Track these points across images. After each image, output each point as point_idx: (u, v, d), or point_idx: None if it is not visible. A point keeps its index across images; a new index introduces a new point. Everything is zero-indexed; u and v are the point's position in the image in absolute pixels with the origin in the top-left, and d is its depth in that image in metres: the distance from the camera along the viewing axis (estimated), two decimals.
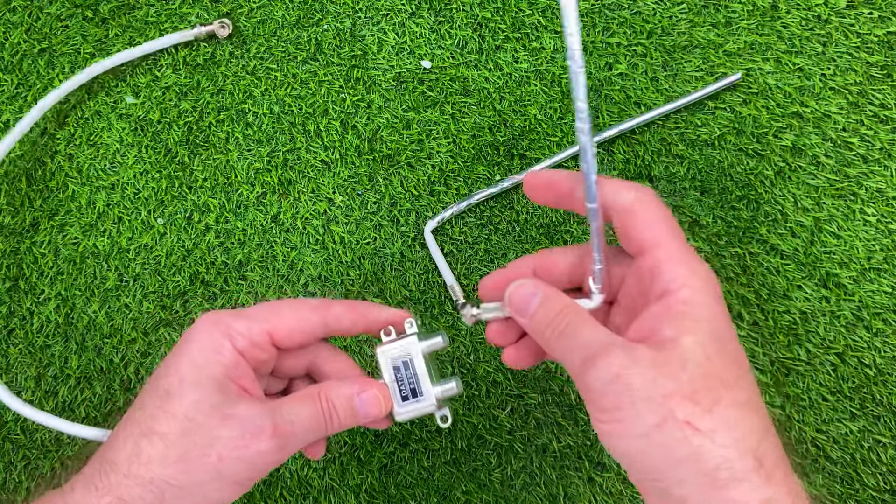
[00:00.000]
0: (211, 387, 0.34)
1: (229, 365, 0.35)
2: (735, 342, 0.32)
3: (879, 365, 0.51)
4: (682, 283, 0.32)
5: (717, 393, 0.30)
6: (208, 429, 0.34)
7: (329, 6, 0.58)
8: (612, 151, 0.55)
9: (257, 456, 0.34)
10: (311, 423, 0.36)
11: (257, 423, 0.34)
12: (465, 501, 0.51)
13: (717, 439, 0.29)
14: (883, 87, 0.54)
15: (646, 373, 0.30)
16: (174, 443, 0.33)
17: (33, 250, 0.55)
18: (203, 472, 0.33)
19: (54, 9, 0.59)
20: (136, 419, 0.35)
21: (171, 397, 0.34)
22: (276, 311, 0.37)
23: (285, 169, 0.56)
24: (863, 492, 0.50)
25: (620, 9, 0.56)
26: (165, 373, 0.35)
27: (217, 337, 0.36)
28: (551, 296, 0.35)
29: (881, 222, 0.53)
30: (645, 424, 0.30)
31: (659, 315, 0.32)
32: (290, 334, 0.37)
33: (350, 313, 0.39)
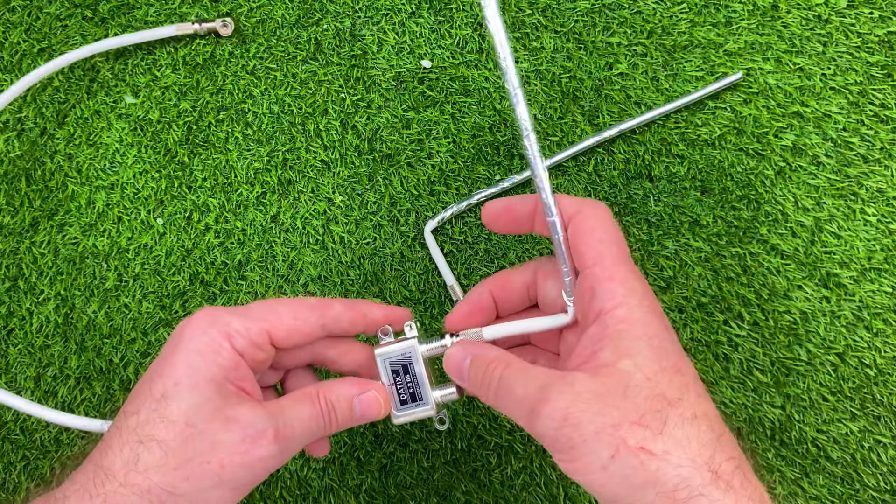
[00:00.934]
0: (210, 390, 0.34)
1: (228, 367, 0.35)
2: (676, 354, 0.32)
3: (880, 365, 0.51)
4: (617, 302, 0.33)
5: (663, 413, 0.30)
6: (209, 434, 0.33)
7: (329, 6, 0.58)
8: (612, 151, 0.55)
9: (258, 461, 0.33)
10: (311, 424, 0.36)
11: (258, 427, 0.33)
12: (464, 502, 0.51)
13: (671, 460, 0.29)
14: (883, 86, 0.54)
15: (590, 406, 0.30)
16: (174, 450, 0.33)
17: (33, 250, 0.55)
18: (204, 479, 0.33)
19: (53, 8, 0.59)
20: (131, 426, 0.33)
21: (168, 401, 0.33)
22: (273, 311, 0.37)
23: (285, 169, 0.56)
24: (863, 492, 0.50)
25: (621, 8, 0.56)
26: (160, 374, 0.34)
27: (215, 336, 0.35)
28: (478, 354, 0.36)
29: (882, 222, 0.53)
30: (601, 458, 0.30)
31: (596, 337, 0.33)
32: (289, 335, 0.37)
33: (349, 312, 0.38)
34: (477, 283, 0.40)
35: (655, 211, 0.54)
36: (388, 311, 0.40)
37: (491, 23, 0.32)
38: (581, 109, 0.56)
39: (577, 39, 0.56)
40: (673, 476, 0.29)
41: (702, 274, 0.53)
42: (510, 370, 0.34)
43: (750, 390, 0.52)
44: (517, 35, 0.57)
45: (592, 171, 0.55)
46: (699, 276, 0.53)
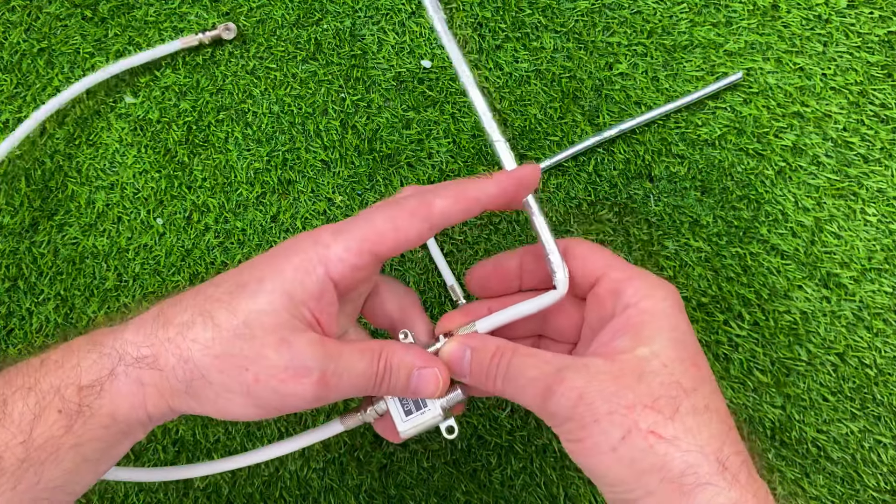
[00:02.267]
0: (283, 304, 0.32)
1: (312, 292, 0.33)
2: (694, 348, 0.33)
3: (880, 365, 0.51)
4: (643, 295, 0.33)
5: (676, 400, 0.30)
6: (259, 344, 0.32)
7: (329, 6, 0.58)
8: (612, 151, 0.55)
9: (292, 395, 0.32)
10: (361, 381, 0.34)
11: (308, 364, 0.32)
12: (464, 502, 0.51)
13: (681, 445, 0.30)
14: (884, 86, 0.54)
15: (606, 387, 0.31)
16: (222, 339, 0.32)
17: (32, 250, 0.55)
18: (235, 381, 0.32)
19: (53, 8, 0.58)
20: (207, 293, 0.33)
21: (242, 292, 0.32)
22: (373, 226, 0.33)
23: (285, 169, 0.56)
24: (863, 492, 0.50)
25: (621, 8, 0.56)
26: (256, 265, 0.34)
27: (312, 258, 0.33)
28: (479, 347, 0.35)
29: (882, 222, 0.53)
30: (611, 439, 0.30)
31: (618, 328, 0.33)
32: (394, 247, 0.34)
33: (457, 205, 0.34)
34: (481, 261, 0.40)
35: (655, 211, 0.54)
36: (504, 182, 0.35)
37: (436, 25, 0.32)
38: (581, 109, 0.56)
39: (577, 39, 0.56)
40: (680, 462, 0.29)
41: (702, 274, 0.53)
42: (519, 355, 0.33)
43: (750, 390, 0.51)
44: (517, 35, 0.57)
45: (592, 171, 0.55)
46: (699, 276, 0.53)
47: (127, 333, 0.33)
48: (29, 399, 0.31)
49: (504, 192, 0.34)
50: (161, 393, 0.32)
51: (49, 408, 0.31)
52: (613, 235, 0.54)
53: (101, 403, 0.32)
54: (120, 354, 0.32)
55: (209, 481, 0.52)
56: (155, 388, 0.32)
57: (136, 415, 0.33)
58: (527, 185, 0.35)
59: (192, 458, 0.52)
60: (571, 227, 0.54)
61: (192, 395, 0.32)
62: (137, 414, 0.33)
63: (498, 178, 0.35)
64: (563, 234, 0.54)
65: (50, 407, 0.31)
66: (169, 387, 0.32)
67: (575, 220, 0.54)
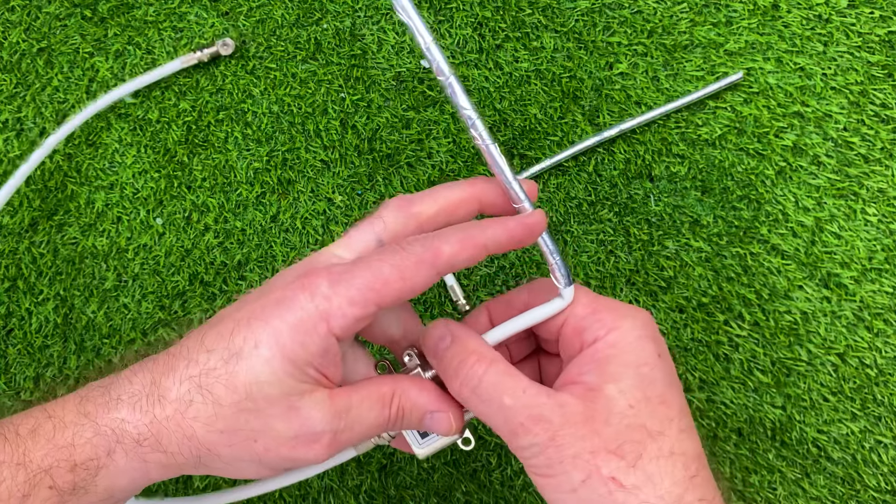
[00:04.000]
0: (285, 370, 0.31)
1: (315, 352, 0.31)
2: (664, 383, 0.32)
3: (880, 365, 0.51)
4: (609, 327, 0.32)
5: (641, 445, 0.30)
6: (266, 416, 0.31)
7: (328, 5, 0.58)
8: (612, 151, 0.55)
9: (302, 460, 0.32)
10: (372, 429, 0.33)
11: (317, 429, 0.31)
12: (464, 502, 0.51)
13: (639, 495, 0.30)
14: (884, 86, 0.54)
15: (577, 431, 0.30)
16: (225, 416, 0.31)
17: (32, 250, 0.55)
18: (245, 452, 0.31)
19: (53, 8, 0.58)
20: (200, 362, 0.31)
21: (239, 362, 0.31)
22: (379, 276, 0.31)
23: (284, 168, 0.56)
24: (864, 492, 0.50)
25: (621, 8, 0.56)
26: (247, 322, 0.31)
27: (312, 315, 0.31)
28: (460, 337, 0.34)
29: (882, 222, 0.53)
30: (572, 481, 0.30)
31: (585, 361, 0.32)
32: (397, 297, 0.32)
33: (464, 252, 0.32)
34: (474, 309, 0.39)
35: (656, 211, 0.54)
36: (514, 231, 0.33)
37: None
38: (581, 109, 0.55)
39: (577, 39, 0.56)
40: None
41: (702, 274, 0.53)
42: (495, 370, 0.32)
43: (751, 390, 0.51)
44: (517, 35, 0.57)
45: (593, 171, 0.55)
46: (700, 276, 0.53)
47: (122, 411, 0.31)
48: (18, 476, 0.30)
49: (512, 239, 0.33)
50: (167, 467, 0.32)
51: (40, 485, 0.30)
52: (613, 235, 0.54)
53: (98, 482, 0.31)
54: (118, 435, 0.31)
55: (209, 482, 0.51)
56: (159, 464, 0.32)
57: (136, 485, 0.32)
58: (536, 231, 0.34)
59: None
60: (571, 226, 0.54)
61: (201, 466, 0.32)
62: (137, 484, 0.32)
63: (507, 225, 0.33)
64: (563, 234, 0.54)
65: (41, 485, 0.30)
66: (176, 463, 0.32)
67: (575, 220, 0.54)
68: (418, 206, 0.34)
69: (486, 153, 0.33)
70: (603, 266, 0.54)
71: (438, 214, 0.34)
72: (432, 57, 0.33)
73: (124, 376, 0.32)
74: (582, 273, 0.53)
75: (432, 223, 0.34)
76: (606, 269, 0.54)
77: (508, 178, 0.34)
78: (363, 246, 0.34)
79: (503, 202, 0.35)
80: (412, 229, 0.34)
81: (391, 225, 0.34)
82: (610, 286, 0.53)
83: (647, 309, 0.53)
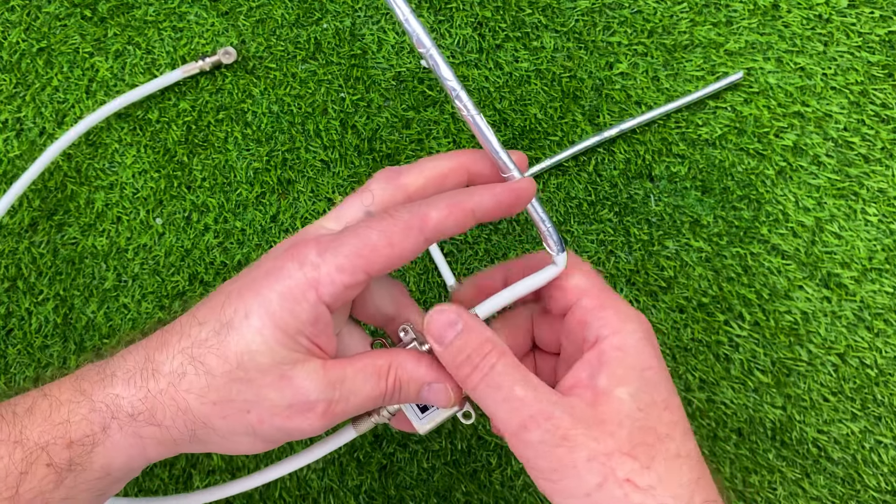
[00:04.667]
0: (276, 339, 0.31)
1: (305, 320, 0.31)
2: (667, 389, 0.32)
3: (881, 365, 0.51)
4: (613, 329, 0.32)
5: (653, 448, 0.30)
6: (258, 386, 0.30)
7: (329, 5, 0.58)
8: (612, 151, 0.55)
9: (297, 430, 0.32)
10: (368, 401, 0.33)
11: (311, 398, 0.31)
12: (464, 502, 0.51)
13: (655, 495, 0.29)
14: (884, 86, 0.54)
15: (590, 431, 0.30)
16: (218, 386, 0.30)
17: (32, 250, 0.55)
18: (238, 424, 0.31)
19: (53, 8, 0.58)
20: (192, 335, 0.31)
21: (230, 332, 0.31)
22: (367, 242, 0.31)
23: (284, 168, 0.56)
24: (864, 493, 0.50)
25: (621, 8, 0.56)
26: (238, 293, 0.31)
27: (300, 283, 0.31)
28: (472, 326, 0.33)
29: (882, 222, 0.53)
30: (587, 485, 0.30)
31: (592, 363, 0.32)
32: (386, 264, 0.32)
33: (452, 216, 0.32)
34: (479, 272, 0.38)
35: (656, 211, 0.54)
36: (501, 195, 0.33)
37: None
38: (581, 109, 0.55)
39: (577, 39, 0.56)
40: None
41: (702, 274, 0.53)
42: (509, 361, 0.32)
43: (751, 390, 0.51)
44: (517, 35, 0.57)
45: (593, 171, 0.55)
46: (700, 276, 0.53)
47: (117, 387, 0.31)
48: (15, 454, 0.30)
49: (500, 205, 0.33)
50: (162, 443, 0.32)
51: (37, 463, 0.30)
52: (613, 235, 0.54)
53: (94, 459, 0.31)
54: (112, 410, 0.31)
55: (209, 481, 0.51)
56: (155, 439, 0.31)
57: (134, 463, 0.32)
58: (524, 197, 0.33)
59: (192, 458, 0.52)
60: (572, 226, 0.54)
61: (196, 441, 0.32)
62: (135, 463, 0.32)
63: (494, 190, 0.33)
64: (563, 233, 0.54)
65: (38, 462, 0.30)
66: (171, 438, 0.31)
67: (575, 219, 0.54)
68: (406, 178, 0.34)
69: (472, 124, 0.33)
70: (603, 266, 0.54)
71: (427, 185, 0.34)
72: (411, 29, 0.32)
73: (119, 355, 0.32)
74: None
75: (421, 194, 0.34)
76: (606, 269, 0.53)
77: (495, 148, 0.33)
78: (352, 218, 0.34)
79: (492, 172, 0.34)
80: (400, 200, 0.34)
81: (379, 197, 0.34)
82: (610, 286, 0.53)
83: (648, 309, 0.53)
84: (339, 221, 0.34)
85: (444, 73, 0.33)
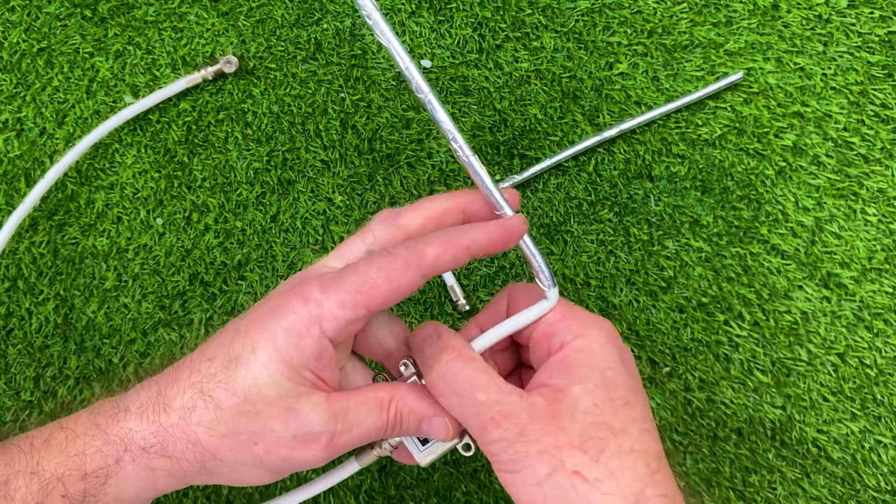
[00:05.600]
0: (282, 373, 0.32)
1: (310, 355, 0.32)
2: (628, 388, 0.34)
3: (880, 365, 0.51)
4: (575, 335, 0.34)
5: (603, 442, 0.32)
6: (265, 419, 0.32)
7: (328, 5, 0.58)
8: (612, 151, 0.55)
9: (302, 461, 0.33)
10: (370, 432, 0.34)
11: (315, 430, 0.32)
12: (464, 502, 0.51)
13: (601, 488, 0.31)
14: (884, 86, 0.54)
15: (543, 427, 0.32)
16: (226, 420, 0.32)
17: (32, 250, 0.55)
18: (246, 456, 0.32)
19: (53, 8, 0.58)
20: (202, 371, 0.33)
21: (238, 367, 0.32)
22: (367, 279, 0.33)
23: (284, 168, 0.56)
24: (864, 492, 0.50)
25: (621, 8, 0.56)
26: (246, 330, 0.33)
27: (305, 319, 0.32)
28: (444, 335, 0.35)
29: (882, 222, 0.53)
30: (537, 474, 0.31)
31: (555, 365, 0.34)
32: (386, 300, 0.33)
33: (448, 253, 0.34)
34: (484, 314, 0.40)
35: (656, 211, 0.54)
36: (495, 234, 0.35)
37: None
38: (581, 109, 0.55)
39: (577, 39, 0.56)
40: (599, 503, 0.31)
41: (702, 274, 0.53)
42: (472, 367, 0.34)
43: (750, 390, 0.51)
44: (517, 35, 0.57)
45: (593, 171, 0.55)
46: (700, 276, 0.53)
47: (130, 421, 0.33)
48: (32, 484, 0.31)
49: (493, 241, 0.35)
50: (173, 475, 0.33)
51: (53, 493, 0.31)
52: (613, 235, 0.54)
53: (107, 490, 0.32)
54: (126, 443, 0.32)
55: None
56: (166, 471, 0.33)
57: (145, 495, 0.33)
58: (516, 234, 0.35)
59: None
60: (571, 226, 0.54)
61: (206, 473, 0.33)
62: (146, 495, 0.33)
63: (487, 228, 0.35)
64: (563, 234, 0.54)
65: (54, 493, 0.31)
66: (181, 469, 0.33)
67: (575, 219, 0.54)
68: (405, 218, 0.36)
69: (468, 165, 0.35)
70: (603, 266, 0.54)
71: (425, 225, 0.36)
72: (410, 76, 0.34)
73: (133, 390, 0.34)
74: (582, 273, 0.54)
75: (419, 233, 0.36)
76: (606, 269, 0.54)
77: (489, 187, 0.35)
78: (354, 257, 0.36)
79: (486, 211, 0.37)
80: (400, 239, 0.36)
81: (380, 237, 0.36)
82: (610, 286, 0.53)
83: (648, 309, 0.53)
84: (342, 260, 0.36)
85: (441, 117, 0.35)
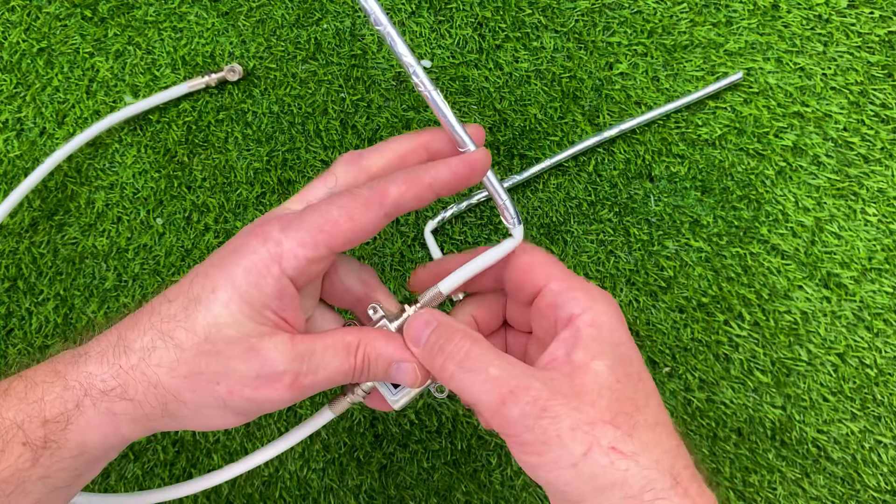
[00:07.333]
0: (243, 312, 0.31)
1: (270, 293, 0.32)
2: (639, 363, 0.33)
3: (880, 365, 0.51)
4: (585, 307, 0.33)
5: (633, 416, 0.31)
6: (225, 357, 0.31)
7: (328, 5, 0.58)
8: (612, 151, 0.55)
9: (266, 401, 0.32)
10: (337, 376, 0.33)
11: (278, 369, 0.32)
12: (464, 502, 0.51)
13: (640, 461, 0.30)
14: (884, 86, 0.54)
15: (569, 402, 0.31)
16: (187, 359, 0.31)
17: (32, 250, 0.55)
18: (208, 397, 0.32)
19: (53, 8, 0.58)
20: (162, 312, 0.32)
21: (198, 307, 0.32)
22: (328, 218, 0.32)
23: (284, 169, 0.56)
24: (864, 492, 0.50)
25: (621, 8, 0.56)
26: (206, 272, 0.32)
27: (264, 258, 0.32)
28: (445, 322, 0.34)
29: (882, 222, 0.53)
30: (572, 455, 0.30)
31: (569, 340, 0.33)
32: (349, 239, 0.33)
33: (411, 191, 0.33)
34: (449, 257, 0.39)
35: (656, 211, 0.54)
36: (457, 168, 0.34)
37: None
38: (581, 109, 0.55)
39: (577, 39, 0.56)
40: (640, 478, 0.30)
41: (702, 274, 0.53)
42: (481, 348, 0.33)
43: (750, 390, 0.51)
44: (517, 35, 0.57)
45: (593, 171, 0.55)
46: (700, 276, 0.53)
47: (90, 365, 0.32)
48: None
49: (456, 177, 0.34)
50: (136, 419, 0.32)
51: (13, 441, 0.31)
52: (613, 235, 0.54)
53: (68, 437, 0.31)
54: (85, 388, 0.32)
55: None
56: (128, 415, 0.32)
57: (109, 441, 0.33)
58: (479, 168, 0.34)
59: (192, 458, 0.52)
60: (571, 226, 0.54)
61: (169, 416, 0.32)
62: (110, 441, 0.33)
63: (450, 163, 0.34)
64: (563, 234, 0.54)
65: (13, 440, 0.31)
66: (144, 413, 0.32)
67: (575, 220, 0.54)
68: (368, 160, 0.35)
69: (430, 100, 0.34)
70: (603, 266, 0.54)
71: (388, 166, 0.35)
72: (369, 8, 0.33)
73: (94, 339, 0.33)
74: (582, 273, 0.54)
75: (383, 174, 0.35)
76: (606, 269, 0.54)
77: (452, 123, 0.34)
78: (315, 199, 0.35)
79: (450, 149, 0.35)
80: (363, 181, 0.35)
81: (343, 178, 0.35)
82: (610, 286, 0.53)
83: (648, 309, 0.53)
84: (303, 202, 0.35)
85: (400, 49, 0.33)
